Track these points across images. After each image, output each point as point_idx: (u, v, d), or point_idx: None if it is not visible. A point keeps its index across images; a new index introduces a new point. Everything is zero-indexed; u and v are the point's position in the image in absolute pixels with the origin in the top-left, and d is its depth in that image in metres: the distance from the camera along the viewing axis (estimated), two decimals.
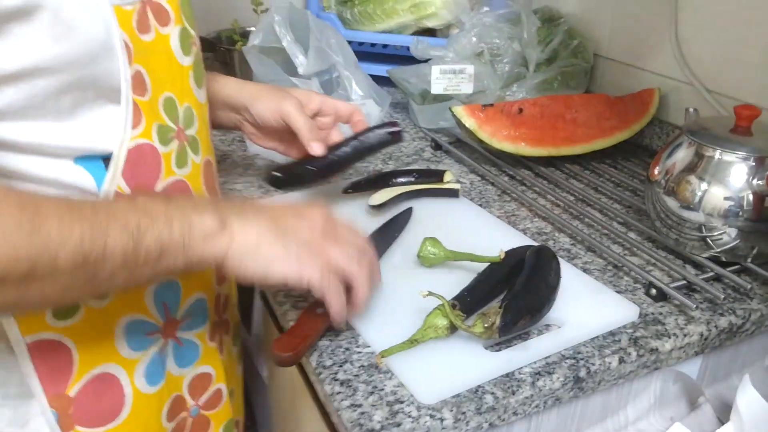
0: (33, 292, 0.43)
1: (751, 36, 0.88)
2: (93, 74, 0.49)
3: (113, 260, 0.45)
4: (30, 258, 0.41)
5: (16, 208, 0.41)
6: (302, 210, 0.57)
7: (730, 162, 0.69)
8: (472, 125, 0.92)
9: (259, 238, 0.51)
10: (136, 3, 0.53)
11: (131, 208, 0.47)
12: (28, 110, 0.47)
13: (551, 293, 0.62)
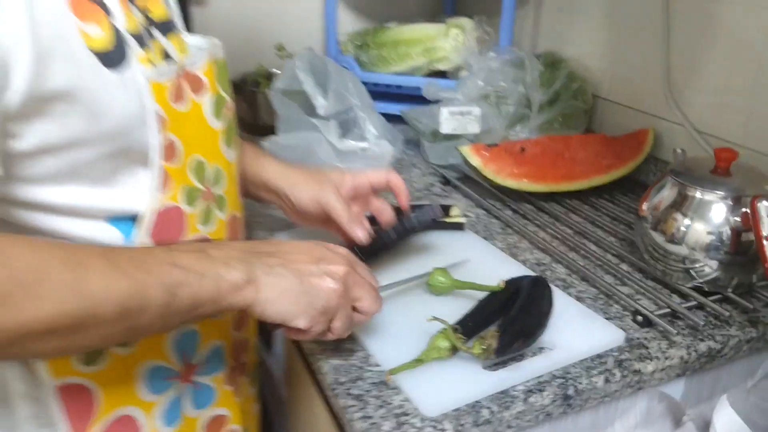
0: (77, 341, 0.48)
1: (736, 81, 0.96)
2: (128, 144, 0.54)
3: (150, 313, 0.50)
4: (76, 313, 0.46)
5: (63, 266, 0.46)
6: (327, 265, 0.61)
7: (710, 201, 0.76)
8: (477, 164, 1.00)
9: (282, 295, 0.57)
10: (172, 76, 0.58)
11: (168, 262, 0.51)
12: (66, 177, 0.52)
13: (544, 319, 0.69)
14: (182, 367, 0.65)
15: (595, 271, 0.85)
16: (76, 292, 0.46)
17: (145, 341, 0.61)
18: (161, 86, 0.56)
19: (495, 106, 1.14)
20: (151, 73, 0.54)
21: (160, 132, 0.56)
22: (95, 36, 0.50)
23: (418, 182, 1.13)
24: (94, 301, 0.47)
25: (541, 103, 1.15)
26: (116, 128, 0.52)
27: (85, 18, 0.49)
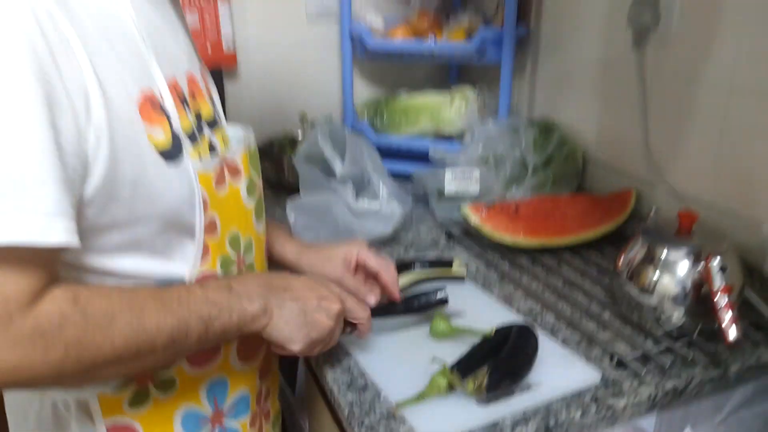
0: (136, 366, 0.61)
1: (704, 147, 1.08)
2: (179, 222, 0.66)
3: (191, 341, 0.63)
4: (137, 345, 0.59)
5: (128, 309, 0.59)
6: (327, 303, 0.75)
7: (674, 258, 0.88)
8: (476, 222, 1.13)
9: (287, 324, 0.71)
10: (216, 166, 0.70)
11: (204, 300, 0.64)
12: (128, 249, 0.63)
13: (529, 361, 0.81)
14: (213, 412, 0.77)
15: (580, 318, 0.97)
16: (137, 330, 0.59)
17: (182, 388, 0.73)
18: (207, 176, 0.69)
19: (494, 168, 1.27)
20: (199, 166, 0.68)
21: (204, 212, 0.69)
22: (158, 138, 0.63)
23: (426, 236, 1.26)
24: (150, 336, 0.60)
25: (535, 165, 1.28)
26: (170, 210, 0.65)
27: (152, 123, 0.63)
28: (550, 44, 1.44)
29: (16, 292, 0.53)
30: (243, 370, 0.80)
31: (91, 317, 0.56)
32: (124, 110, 0.60)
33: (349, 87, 1.59)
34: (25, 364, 0.53)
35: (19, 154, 0.51)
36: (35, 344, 0.53)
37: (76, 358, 0.55)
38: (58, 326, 0.54)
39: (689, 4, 1.08)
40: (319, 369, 0.87)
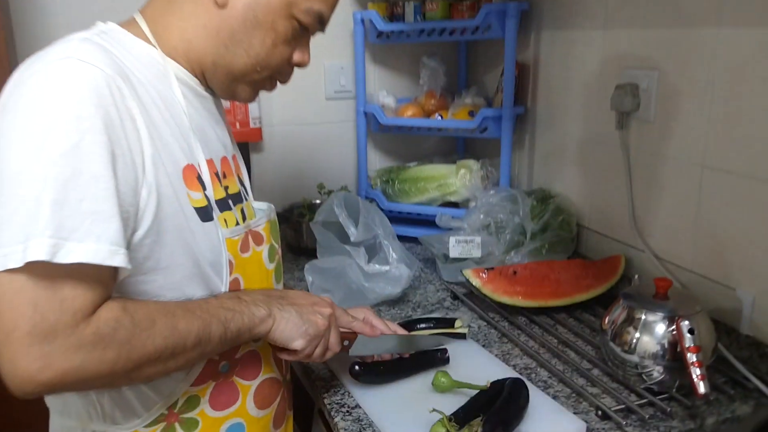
0: (171, 364, 0.72)
1: (684, 216, 1.19)
2: (207, 274, 0.79)
3: (213, 341, 0.75)
4: (173, 344, 0.70)
5: (164, 315, 0.70)
6: (319, 308, 0.87)
7: (653, 320, 0.98)
8: (477, 284, 1.24)
9: (288, 325, 0.82)
10: (241, 234, 0.85)
11: (220, 306, 0.76)
12: (166, 291, 0.75)
13: (520, 412, 0.90)
14: None
15: (571, 374, 1.06)
16: (172, 331, 0.71)
17: (204, 428, 0.83)
18: (233, 241, 0.83)
19: (494, 234, 1.39)
20: (226, 233, 0.82)
21: (229, 273, 0.82)
22: (196, 198, 0.78)
23: (433, 296, 1.37)
24: (182, 336, 0.71)
25: (533, 232, 1.39)
26: (202, 263, 0.78)
27: (191, 187, 0.78)
28: (544, 122, 1.58)
29: (83, 304, 0.64)
30: (258, 417, 0.89)
31: (137, 322, 0.68)
32: (170, 173, 0.74)
33: (364, 158, 1.73)
34: (86, 365, 0.64)
35: (93, 194, 0.64)
36: (95, 347, 0.65)
37: (127, 356, 0.67)
38: (113, 330, 0.66)
39: (664, 92, 1.21)
40: (332, 419, 0.97)
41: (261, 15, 0.79)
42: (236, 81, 0.84)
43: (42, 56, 0.69)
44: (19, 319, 0.62)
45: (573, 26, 1.44)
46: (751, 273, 1.08)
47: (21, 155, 0.64)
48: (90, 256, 0.63)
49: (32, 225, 0.62)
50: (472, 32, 1.55)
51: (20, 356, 0.61)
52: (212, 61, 0.81)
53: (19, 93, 0.67)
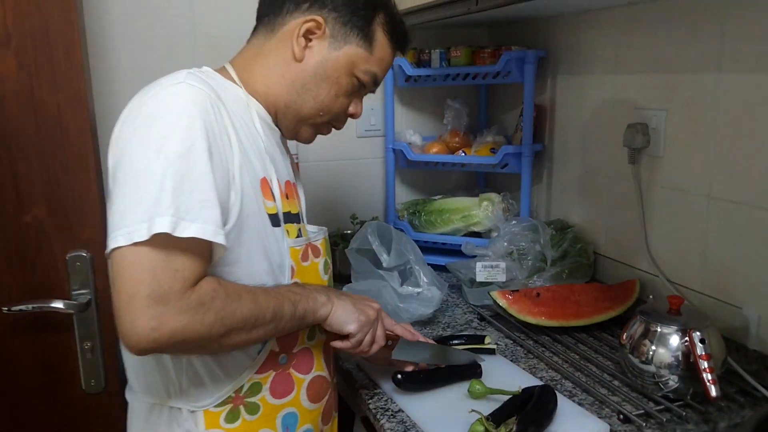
0: (253, 334, 0.85)
1: (692, 243, 1.31)
2: (274, 274, 0.93)
3: (285, 317, 0.88)
4: (255, 316, 0.84)
5: (246, 292, 0.84)
6: (368, 301, 1.02)
7: (667, 333, 1.08)
8: (503, 305, 1.35)
9: (344, 311, 0.96)
10: (303, 244, 0.99)
11: (291, 291, 0.90)
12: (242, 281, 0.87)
13: (550, 414, 1.00)
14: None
15: (594, 385, 1.16)
16: (254, 305, 0.84)
17: (264, 413, 0.94)
18: (296, 250, 0.97)
19: (518, 261, 1.50)
20: (290, 242, 0.96)
21: (290, 277, 0.96)
22: (269, 206, 0.93)
23: (461, 318, 1.47)
24: (262, 310, 0.85)
25: (553, 259, 1.51)
26: (272, 260, 0.92)
27: (266, 196, 0.93)
28: (561, 158, 1.71)
29: (191, 275, 0.78)
30: (310, 409, 1.00)
31: (229, 293, 0.82)
32: (252, 181, 0.89)
33: (392, 192, 1.86)
34: (190, 326, 0.77)
35: (201, 187, 0.79)
36: (197, 311, 0.78)
37: (221, 322, 0.80)
38: (211, 298, 0.80)
39: (672, 130, 1.34)
40: (378, 422, 1.07)
41: (329, 71, 0.98)
42: (301, 122, 1.01)
43: (159, 82, 0.86)
44: (139, 286, 0.75)
45: (586, 71, 1.59)
46: (756, 293, 1.18)
47: (144, 157, 0.79)
48: (201, 232, 0.78)
49: (156, 207, 0.76)
50: (493, 77, 1.70)
51: (139, 316, 0.74)
52: (285, 104, 0.99)
53: (139, 110, 0.83)
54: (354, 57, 0.98)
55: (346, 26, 0.97)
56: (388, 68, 1.05)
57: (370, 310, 1.00)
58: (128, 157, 0.80)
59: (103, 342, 1.35)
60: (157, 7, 1.62)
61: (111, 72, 1.59)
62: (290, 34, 0.97)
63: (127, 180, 0.79)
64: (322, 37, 0.97)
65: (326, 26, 0.96)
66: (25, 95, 1.21)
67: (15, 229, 1.26)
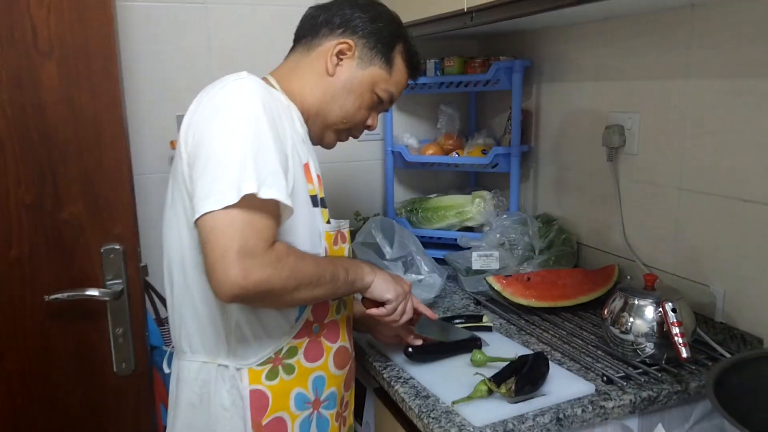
0: (315, 292, 0.99)
1: (665, 231, 1.47)
2: (315, 251, 1.07)
3: (340, 280, 1.03)
4: (318, 275, 0.98)
5: (310, 256, 1.00)
6: (402, 279, 1.17)
7: (643, 305, 1.23)
8: (499, 288, 1.49)
9: (384, 281, 1.12)
10: (335, 231, 1.13)
11: (342, 260, 1.07)
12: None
13: (543, 375, 1.15)
14: (314, 399, 1.11)
15: (580, 355, 1.31)
16: (316, 266, 1.00)
17: (299, 374, 1.08)
18: (330, 234, 1.11)
19: (509, 251, 1.65)
20: (325, 227, 1.09)
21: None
22: (310, 189, 1.07)
23: (458, 303, 1.62)
24: (322, 270, 1.00)
25: (540, 248, 1.66)
26: (309, 238, 1.06)
27: (307, 181, 1.06)
28: (546, 158, 1.87)
29: (270, 234, 0.93)
30: (336, 375, 1.14)
31: (297, 254, 0.97)
32: (298, 164, 1.04)
33: (391, 191, 2.01)
34: (271, 278, 0.91)
35: (272, 161, 0.94)
36: (276, 265, 0.91)
37: (294, 276, 0.94)
38: (286, 256, 0.94)
39: (645, 131, 1.50)
40: (392, 389, 1.21)
41: (355, 86, 1.15)
42: (327, 128, 1.18)
43: (223, 80, 1.01)
44: (231, 242, 0.88)
45: (568, 79, 1.75)
46: (722, 272, 1.34)
47: (223, 137, 0.94)
48: (278, 195, 0.92)
49: (242, 176, 0.90)
50: (483, 84, 1.85)
51: (231, 267, 0.88)
52: (316, 111, 1.16)
53: (211, 101, 0.98)
54: (377, 77, 1.16)
55: (372, 51, 1.15)
56: (402, 90, 1.23)
57: (405, 284, 1.17)
58: (209, 140, 0.94)
59: (134, 328, 1.46)
60: (175, 22, 1.75)
61: (133, 82, 1.72)
62: (325, 53, 1.14)
63: (210, 159, 0.93)
64: (352, 58, 1.14)
65: (356, 49, 1.14)
66: (65, 102, 1.33)
67: (53, 225, 1.38)
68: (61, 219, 1.38)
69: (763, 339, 1.25)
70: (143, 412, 1.52)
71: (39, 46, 1.29)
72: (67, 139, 1.35)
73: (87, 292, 1.39)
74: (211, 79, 1.07)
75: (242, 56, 1.81)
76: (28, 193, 1.34)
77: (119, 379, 1.47)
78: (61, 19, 1.30)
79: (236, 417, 1.05)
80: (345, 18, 1.14)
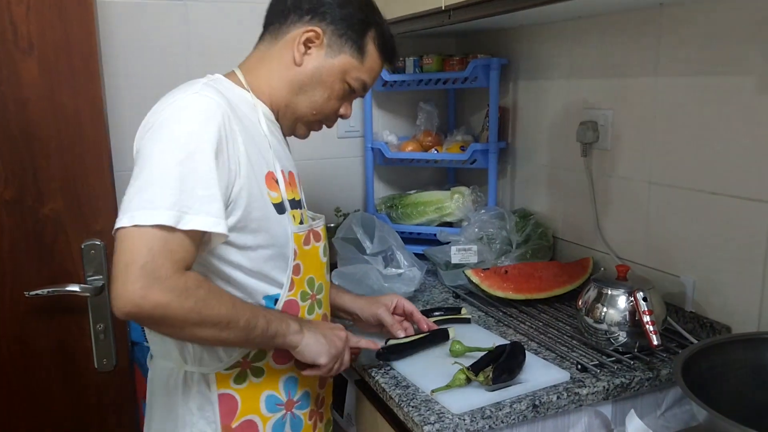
0: (222, 335, 0.93)
1: (637, 224, 1.51)
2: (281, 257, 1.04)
3: (257, 330, 0.97)
4: (229, 318, 0.93)
5: (227, 295, 0.95)
6: (337, 331, 1.11)
7: (616, 295, 1.27)
8: (477, 281, 1.53)
9: (315, 342, 1.05)
10: (305, 230, 1.12)
11: (268, 311, 1.01)
12: (248, 269, 1.01)
13: (519, 364, 1.18)
14: (287, 400, 1.12)
15: (555, 345, 1.34)
16: (231, 308, 0.94)
17: (268, 376, 1.08)
18: (299, 235, 1.09)
19: (487, 245, 1.69)
20: (294, 228, 1.08)
21: (293, 259, 1.08)
22: (273, 196, 1.05)
23: (438, 297, 1.65)
24: (237, 315, 0.94)
25: (518, 242, 1.70)
26: (276, 245, 1.04)
27: (270, 188, 1.05)
28: (523, 154, 1.91)
29: (182, 258, 0.89)
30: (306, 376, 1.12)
31: (212, 289, 0.94)
32: (257, 177, 1.01)
33: (371, 187, 2.03)
34: (171, 305, 0.86)
35: (204, 183, 0.90)
36: (181, 294, 0.87)
37: (198, 311, 0.90)
38: (196, 287, 0.90)
39: (617, 127, 1.55)
40: (372, 379, 1.23)
41: (324, 76, 1.11)
42: (297, 120, 1.15)
43: (176, 92, 0.99)
44: (136, 257, 0.85)
45: (544, 77, 1.79)
46: (692, 263, 1.39)
47: (156, 153, 0.91)
48: (201, 224, 0.89)
49: (162, 200, 0.87)
50: (462, 82, 1.89)
51: (130, 283, 0.84)
52: (285, 104, 1.12)
53: (160, 113, 0.96)
54: (347, 65, 1.11)
55: (341, 38, 1.10)
56: (376, 77, 1.19)
57: (338, 341, 1.10)
58: (143, 155, 0.92)
59: (114, 324, 1.47)
60: (154, 17, 1.75)
61: (114, 78, 1.72)
62: (292, 42, 1.10)
63: (140, 173, 0.90)
64: (320, 46, 1.10)
65: (324, 37, 1.10)
66: (46, 99, 1.33)
67: (34, 221, 1.38)
68: (42, 215, 1.39)
69: (731, 327, 1.30)
70: (125, 409, 1.53)
71: (19, 44, 1.29)
72: (48, 136, 1.35)
73: (68, 288, 1.40)
74: (191, 76, 1.07)
75: (222, 52, 1.81)
76: (9, 189, 1.34)
77: (101, 375, 1.48)
78: (41, 16, 1.30)
79: (205, 421, 1.05)
80: (313, 3, 1.09)
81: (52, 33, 1.31)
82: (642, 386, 1.21)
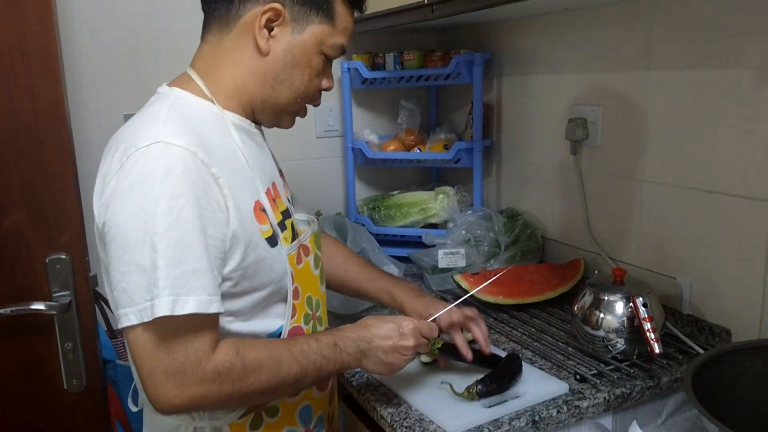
0: (273, 397, 0.93)
1: (630, 224, 1.46)
2: (278, 290, 0.95)
3: (308, 381, 0.93)
4: (275, 385, 0.88)
5: (269, 359, 0.88)
6: (403, 341, 1.00)
7: (613, 301, 1.22)
8: (466, 287, 1.47)
9: (375, 367, 1.00)
10: (296, 249, 1.00)
11: (318, 353, 0.92)
12: (245, 313, 0.92)
13: (514, 377, 1.12)
14: (305, 430, 1.05)
15: (551, 353, 1.29)
16: (275, 375, 0.88)
17: (283, 413, 1.01)
18: (291, 255, 1.00)
19: (474, 247, 1.63)
20: (287, 250, 0.99)
21: (292, 283, 0.99)
22: (265, 230, 0.94)
23: None
24: (282, 378, 0.89)
25: (506, 244, 1.64)
26: (274, 280, 0.95)
27: (260, 221, 0.94)
28: (509, 152, 1.85)
29: (202, 344, 0.83)
30: (319, 398, 1.08)
31: (247, 364, 0.86)
32: (246, 216, 0.90)
33: (352, 189, 1.96)
34: (209, 394, 0.83)
35: (192, 256, 0.81)
36: (214, 382, 0.83)
37: (239, 391, 0.85)
38: (228, 370, 0.84)
39: (608, 123, 1.50)
40: (362, 396, 1.16)
41: (298, 56, 0.96)
42: (281, 113, 1.01)
43: (135, 142, 0.84)
44: (156, 361, 0.81)
45: (529, 72, 1.73)
46: (687, 264, 1.35)
47: (134, 229, 0.80)
48: (197, 307, 0.81)
49: (154, 288, 0.79)
50: (444, 78, 1.82)
51: (160, 387, 0.81)
52: (261, 100, 0.98)
53: (123, 174, 0.83)
54: (319, 35, 0.96)
55: (304, 6, 0.94)
56: (351, 34, 1.02)
57: (401, 361, 1.02)
58: (118, 227, 0.82)
59: (84, 342, 1.38)
60: (119, 12, 1.65)
61: (77, 79, 1.61)
62: (250, 27, 0.93)
63: (123, 254, 0.81)
64: (284, 24, 0.94)
65: (286, 12, 0.93)
66: (1, 104, 1.23)
67: None
68: (2, 228, 1.29)
69: (731, 330, 1.26)
70: (98, 430, 1.44)
71: None
72: (5, 143, 1.25)
73: (32, 306, 1.30)
74: (160, 75, 0.99)
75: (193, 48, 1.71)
76: None
77: (71, 396, 1.39)
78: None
79: None
80: None
81: (5, 32, 1.20)
82: (643, 395, 1.16)
